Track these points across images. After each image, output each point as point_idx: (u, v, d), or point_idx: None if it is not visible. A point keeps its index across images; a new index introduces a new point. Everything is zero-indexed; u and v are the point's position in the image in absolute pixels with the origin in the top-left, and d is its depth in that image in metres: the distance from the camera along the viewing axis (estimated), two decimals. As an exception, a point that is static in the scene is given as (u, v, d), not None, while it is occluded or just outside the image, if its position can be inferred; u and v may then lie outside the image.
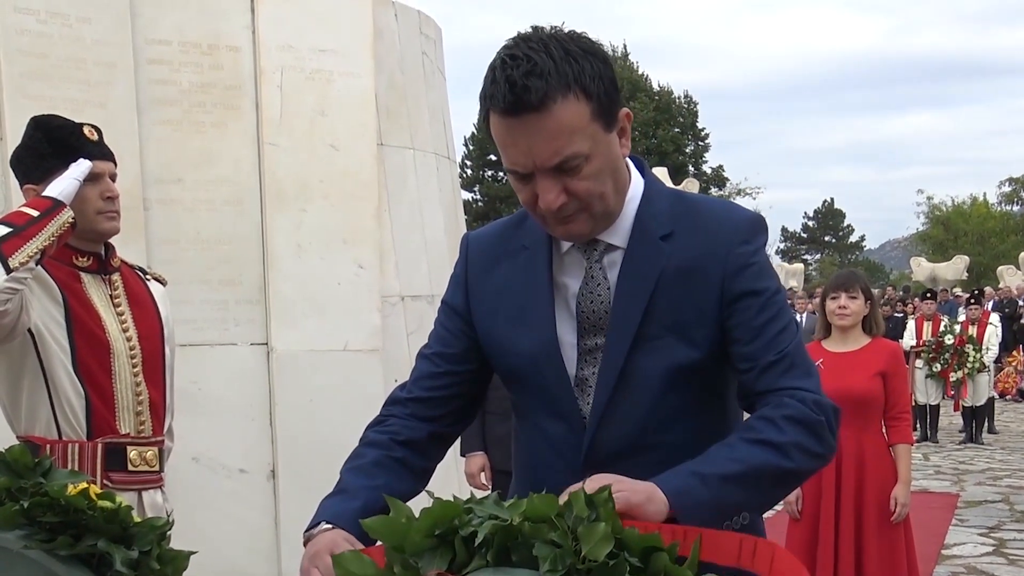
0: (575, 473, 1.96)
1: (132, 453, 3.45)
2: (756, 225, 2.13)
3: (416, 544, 1.54)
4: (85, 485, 1.75)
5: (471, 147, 54.86)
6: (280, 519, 5.72)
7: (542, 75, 1.88)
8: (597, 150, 1.96)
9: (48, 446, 3.30)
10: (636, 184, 2.15)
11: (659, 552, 1.50)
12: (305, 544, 1.96)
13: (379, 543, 1.60)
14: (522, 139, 1.92)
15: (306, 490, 3.10)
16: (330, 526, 1.96)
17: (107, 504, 1.75)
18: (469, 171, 55.44)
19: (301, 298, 6.03)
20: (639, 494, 1.75)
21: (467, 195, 55.33)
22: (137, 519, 1.79)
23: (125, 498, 3.37)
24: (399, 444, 2.16)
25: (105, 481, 3.35)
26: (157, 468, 3.57)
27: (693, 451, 1.95)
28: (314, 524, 1.99)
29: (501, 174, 57.45)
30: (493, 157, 57.85)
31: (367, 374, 6.11)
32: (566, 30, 2.00)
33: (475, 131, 56.40)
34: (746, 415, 2.09)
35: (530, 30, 1.99)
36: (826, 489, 5.46)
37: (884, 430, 5.58)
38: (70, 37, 5.45)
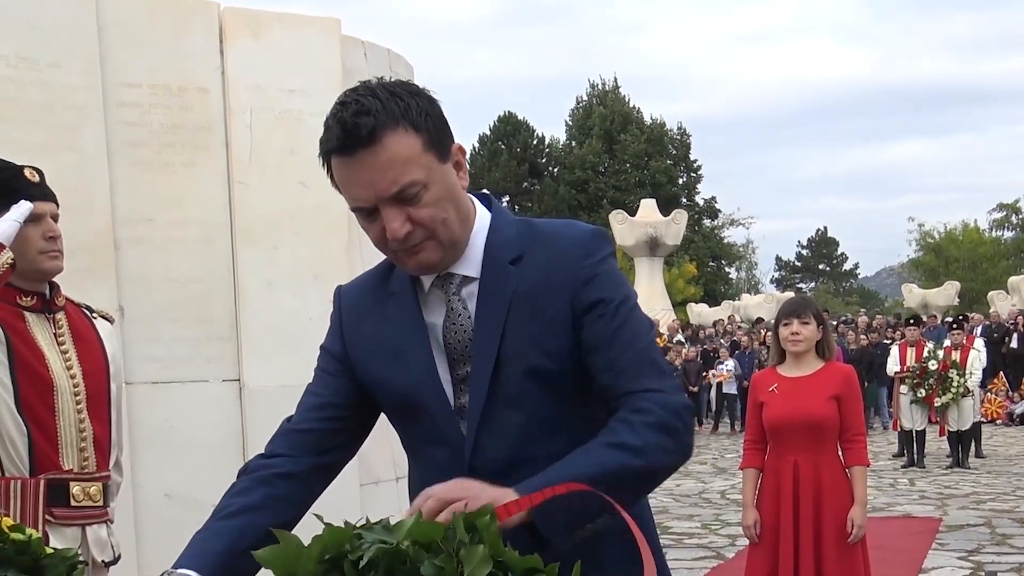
0: None
1: (75, 489, 3.50)
2: (597, 238, 2.26)
3: (308, 571, 1.61)
4: (-3, 519, 1.81)
5: (463, 181, 54.95)
6: (252, 554, 5.77)
7: (370, 112, 2.03)
8: (433, 178, 2.10)
9: None
10: (482, 217, 2.28)
11: (539, 573, 1.59)
12: None
13: None
14: (362, 174, 2.06)
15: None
16: (182, 572, 2.00)
17: (18, 536, 1.81)
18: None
19: (272, 334, 6.10)
20: (490, 499, 1.82)
21: (460, 228, 55.39)
22: (49, 551, 1.85)
23: (68, 533, 3.47)
24: (281, 478, 2.23)
25: (48, 516, 3.41)
26: (101, 503, 3.61)
27: None
28: (175, 566, 2.04)
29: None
30: (486, 191, 57.84)
31: (339, 408, 6.17)
32: (393, 79, 2.16)
33: (468, 166, 56.57)
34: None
35: (360, 83, 2.13)
36: (784, 512, 5.53)
37: (840, 453, 5.65)
38: (40, 81, 5.54)
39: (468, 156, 2.30)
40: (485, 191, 2.39)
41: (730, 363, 23.64)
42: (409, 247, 2.12)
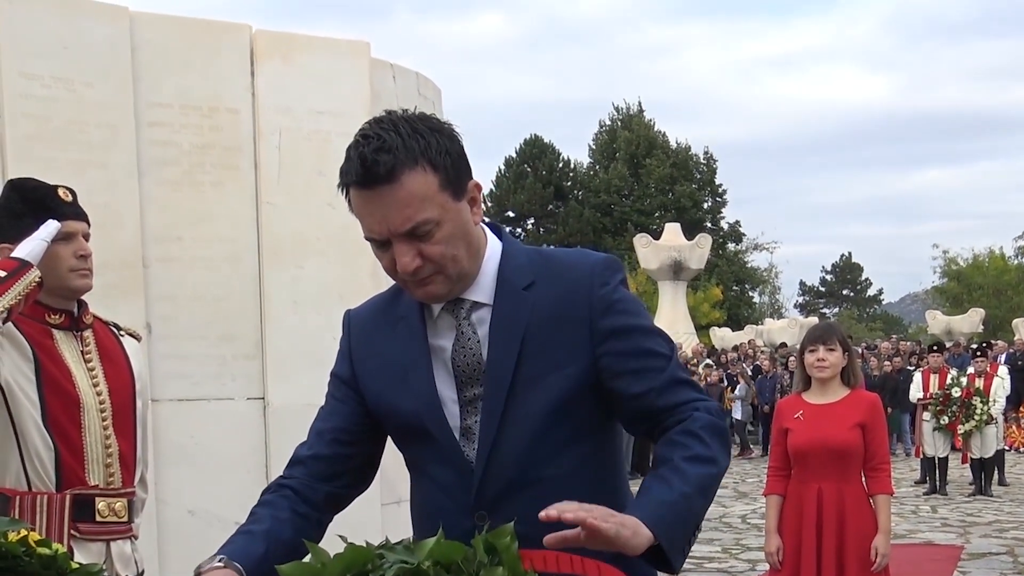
0: (467, 513, 2.22)
1: (100, 504, 3.54)
2: (610, 265, 2.35)
3: (330, 587, 1.64)
4: (24, 532, 1.84)
5: (489, 203, 55.09)
6: (274, 571, 5.82)
7: (390, 150, 2.09)
8: (447, 217, 2.16)
9: (17, 497, 3.41)
10: (493, 246, 2.35)
11: (557, 593, 1.62)
12: None
13: None
14: (377, 209, 2.13)
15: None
16: (221, 564, 2.07)
17: (44, 551, 1.84)
18: (486, 226, 55.67)
19: (297, 353, 6.15)
20: (628, 528, 1.92)
21: (484, 249, 55.50)
22: (74, 566, 1.88)
23: (93, 548, 3.51)
24: (302, 502, 2.32)
25: (73, 531, 3.45)
26: (126, 519, 3.64)
27: (574, 482, 2.22)
28: (212, 557, 2.11)
29: (519, 229, 57.74)
30: (511, 213, 58.30)
31: (362, 427, 6.21)
32: (416, 113, 2.20)
33: (493, 188, 56.71)
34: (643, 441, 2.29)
35: (384, 114, 2.19)
36: (806, 539, 5.52)
37: (864, 480, 5.65)
38: (72, 100, 5.62)
39: (494, 178, 2.38)
40: (503, 219, 2.44)
41: (740, 388, 23.57)
42: (418, 279, 2.20)
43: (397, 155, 2.09)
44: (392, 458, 2.53)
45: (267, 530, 2.20)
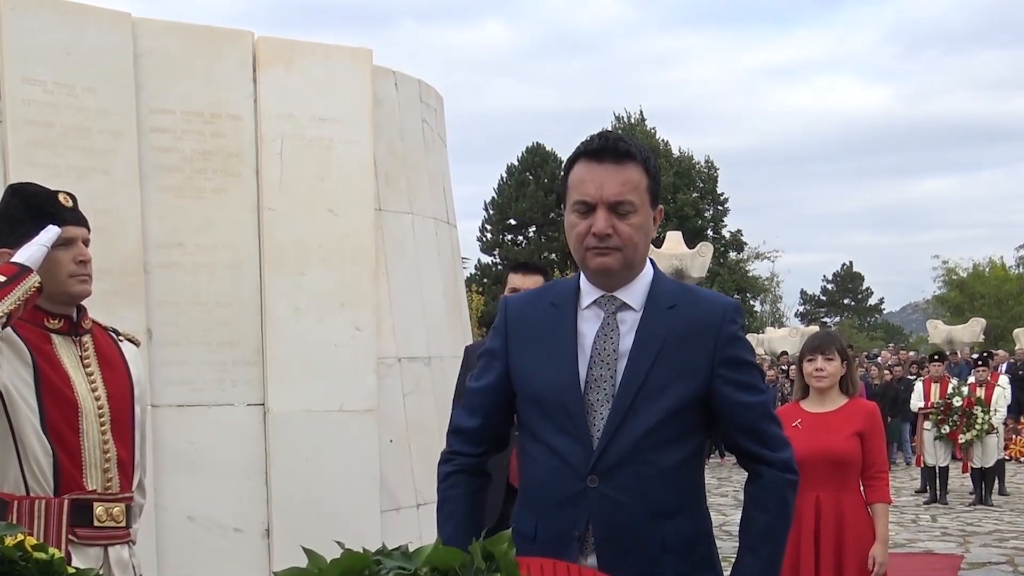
0: (580, 477, 2.70)
1: (98, 509, 3.54)
2: (740, 309, 2.90)
3: (327, 592, 1.65)
4: (21, 537, 1.84)
5: (491, 211, 55.11)
6: (273, 577, 5.81)
7: (628, 142, 2.76)
8: (642, 210, 2.74)
9: (16, 502, 3.41)
10: (648, 267, 2.88)
11: (554, 600, 1.63)
12: None
13: None
14: (599, 177, 2.72)
15: (300, 549, 3.17)
16: None
17: (41, 556, 1.84)
18: (489, 235, 55.69)
19: (298, 359, 6.17)
20: None
21: (487, 258, 55.52)
22: (71, 571, 1.88)
23: (91, 553, 3.51)
24: (469, 475, 2.91)
25: (71, 536, 3.44)
26: (124, 524, 3.63)
27: (673, 472, 2.74)
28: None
29: (520, 237, 57.76)
30: (513, 221, 58.26)
31: (362, 434, 6.24)
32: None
33: (495, 195, 56.69)
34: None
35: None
36: (805, 548, 5.51)
37: (862, 490, 5.64)
38: (75, 107, 5.64)
39: (496, 186, 2.60)
40: (505, 227, 2.59)
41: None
42: (601, 247, 2.72)
43: (632, 147, 2.74)
44: (391, 466, 2.58)
45: (460, 495, 2.87)
